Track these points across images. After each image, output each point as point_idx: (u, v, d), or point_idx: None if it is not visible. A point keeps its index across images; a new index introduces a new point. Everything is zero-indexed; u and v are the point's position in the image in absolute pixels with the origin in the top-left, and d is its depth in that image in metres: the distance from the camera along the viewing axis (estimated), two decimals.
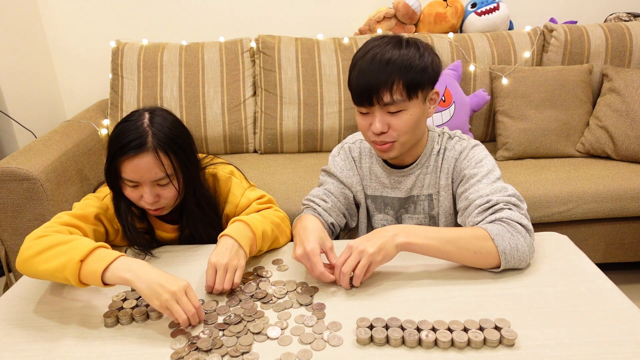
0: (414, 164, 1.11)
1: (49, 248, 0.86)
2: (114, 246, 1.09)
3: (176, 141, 1.00)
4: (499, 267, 0.91)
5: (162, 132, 0.98)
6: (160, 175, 0.98)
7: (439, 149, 1.11)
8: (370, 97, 0.98)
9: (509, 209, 0.95)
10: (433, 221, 1.15)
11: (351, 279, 0.89)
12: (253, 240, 0.97)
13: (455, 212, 1.12)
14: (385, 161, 1.14)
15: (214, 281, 0.89)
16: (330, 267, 0.91)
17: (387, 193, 1.16)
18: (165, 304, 0.79)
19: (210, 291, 0.90)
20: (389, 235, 0.89)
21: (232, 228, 0.98)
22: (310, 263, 0.89)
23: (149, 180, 0.98)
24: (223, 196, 1.15)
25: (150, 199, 0.99)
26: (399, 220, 1.18)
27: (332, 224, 1.13)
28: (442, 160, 1.10)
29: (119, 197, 1.04)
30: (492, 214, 0.95)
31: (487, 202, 0.97)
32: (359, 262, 0.87)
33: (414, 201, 1.14)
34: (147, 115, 1.00)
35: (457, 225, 1.12)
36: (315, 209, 1.12)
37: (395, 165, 1.13)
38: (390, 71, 0.95)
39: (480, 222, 0.96)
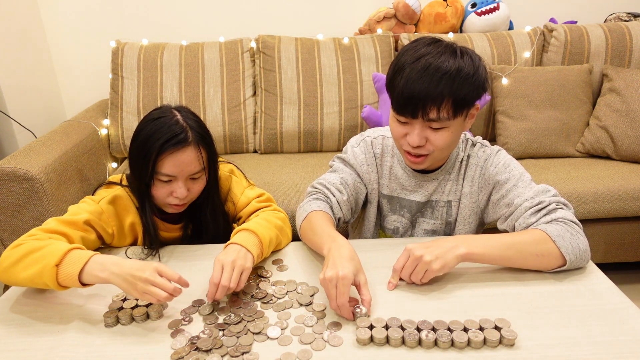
0: (439, 170, 1.08)
1: (25, 256, 0.86)
2: (113, 248, 1.09)
3: (208, 135, 1.05)
4: (561, 266, 0.90)
5: (197, 128, 1.02)
6: (198, 169, 1.02)
7: (463, 156, 1.08)
8: (415, 110, 0.92)
9: (561, 208, 0.95)
10: (449, 227, 1.14)
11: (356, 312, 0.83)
12: (260, 247, 0.96)
13: (480, 222, 1.12)
14: None
15: (220, 278, 0.85)
16: (354, 302, 0.84)
17: (406, 195, 1.12)
18: (142, 290, 0.80)
19: (213, 298, 0.86)
20: (449, 246, 0.87)
21: (239, 236, 0.96)
22: (336, 290, 0.80)
23: (188, 173, 1.01)
24: (223, 194, 1.16)
25: (184, 193, 1.02)
26: (413, 224, 1.16)
27: (340, 218, 1.08)
28: (466, 167, 1.08)
29: (145, 195, 1.05)
30: (546, 214, 0.94)
31: (538, 203, 0.95)
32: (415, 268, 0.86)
33: (432, 206, 1.12)
34: (177, 113, 1.03)
35: (477, 232, 1.12)
36: (329, 197, 1.06)
37: (418, 169, 1.10)
38: (442, 87, 0.90)
39: (534, 222, 0.94)
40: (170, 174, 1.00)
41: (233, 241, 0.95)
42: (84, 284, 0.84)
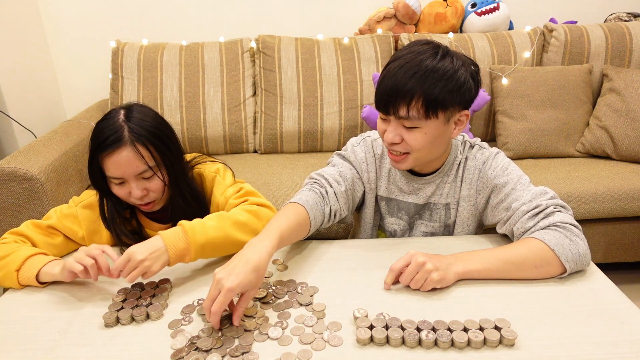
0: (436, 173, 1.08)
1: None
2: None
3: (154, 133, 1.00)
4: (562, 274, 0.90)
5: (139, 126, 0.99)
6: (143, 168, 0.99)
7: (461, 158, 1.08)
8: (387, 106, 0.94)
9: (559, 211, 0.94)
10: (448, 230, 1.13)
11: (227, 318, 0.82)
12: (185, 250, 0.92)
13: (479, 224, 1.12)
14: None
15: (123, 266, 0.86)
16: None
17: (404, 198, 1.12)
18: (80, 261, 0.87)
19: (117, 276, 0.87)
20: (447, 263, 0.88)
21: (171, 231, 0.93)
22: (216, 294, 0.77)
23: (133, 174, 0.99)
24: (208, 195, 1.14)
25: (139, 194, 1.00)
26: (411, 227, 1.15)
27: (335, 210, 1.05)
28: (464, 170, 1.08)
29: (103, 198, 1.05)
30: (543, 218, 0.93)
31: (536, 207, 0.94)
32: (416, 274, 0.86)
33: (430, 209, 1.12)
34: (122, 112, 1.01)
35: (477, 234, 1.11)
36: (325, 188, 1.05)
37: (416, 172, 1.10)
38: (412, 85, 0.90)
39: (532, 227, 0.93)
40: (114, 176, 0.99)
41: (162, 233, 0.92)
42: (41, 283, 0.94)
